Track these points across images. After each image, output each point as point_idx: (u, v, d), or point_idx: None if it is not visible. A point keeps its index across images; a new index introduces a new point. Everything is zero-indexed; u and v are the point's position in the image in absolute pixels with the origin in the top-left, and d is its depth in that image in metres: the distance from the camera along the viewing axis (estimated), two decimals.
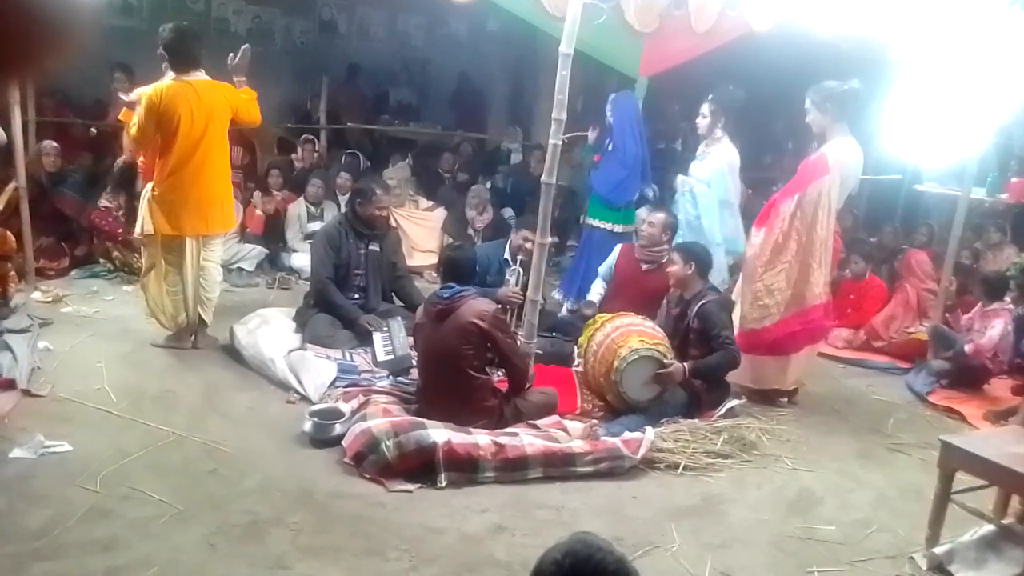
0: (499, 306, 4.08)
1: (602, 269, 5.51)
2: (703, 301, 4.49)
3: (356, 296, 5.18)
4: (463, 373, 3.87)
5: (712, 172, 5.42)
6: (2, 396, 3.87)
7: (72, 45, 0.69)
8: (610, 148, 6.00)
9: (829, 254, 4.65)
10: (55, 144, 6.62)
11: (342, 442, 3.70)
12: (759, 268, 4.67)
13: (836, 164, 4.53)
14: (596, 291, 5.44)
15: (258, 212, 6.91)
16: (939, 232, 7.02)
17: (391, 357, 4.69)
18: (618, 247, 5.53)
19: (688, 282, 4.59)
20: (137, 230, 4.77)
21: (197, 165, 4.58)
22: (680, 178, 5.63)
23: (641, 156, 6.00)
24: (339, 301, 5.00)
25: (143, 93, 4.50)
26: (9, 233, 5.20)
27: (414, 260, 6.93)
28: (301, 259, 6.61)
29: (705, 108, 5.41)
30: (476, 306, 3.88)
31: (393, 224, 6.61)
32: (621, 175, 5.94)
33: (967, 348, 5.31)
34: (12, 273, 5.19)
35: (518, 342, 4.46)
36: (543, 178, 4.29)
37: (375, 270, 5.21)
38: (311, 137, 8.34)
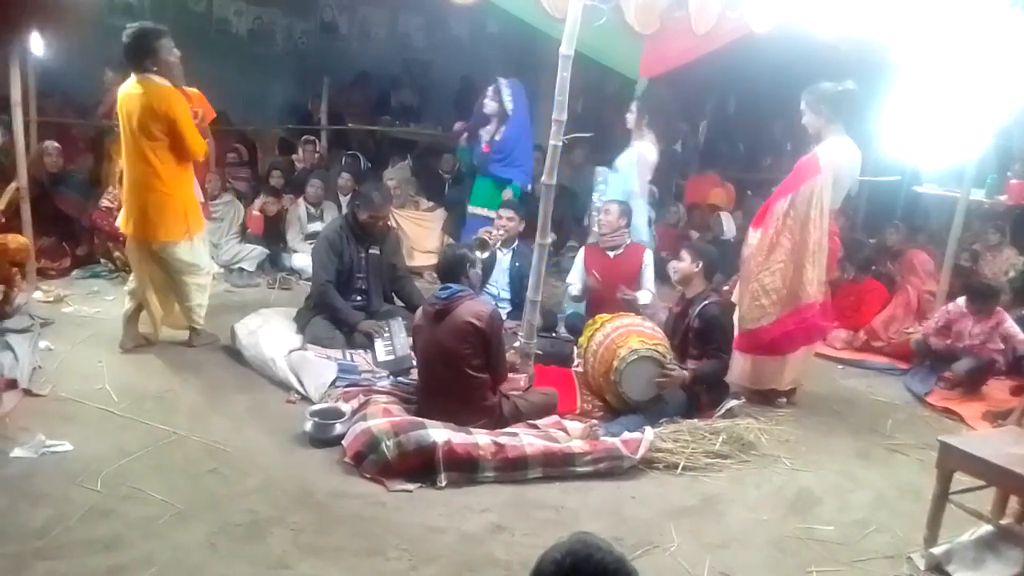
0: (495, 307, 4.09)
1: (571, 278, 5.57)
2: (706, 302, 4.51)
3: (358, 298, 5.19)
4: (462, 373, 3.88)
5: (625, 162, 5.72)
6: (3, 396, 3.88)
7: (64, 16, 0.71)
8: (500, 136, 5.96)
9: (823, 253, 4.64)
10: (57, 144, 6.63)
11: (342, 442, 3.71)
12: (755, 268, 4.70)
13: (828, 164, 4.57)
14: (575, 287, 5.52)
15: (255, 213, 6.91)
16: (939, 233, 7.04)
17: (391, 357, 4.70)
18: (581, 250, 5.63)
19: (692, 280, 4.62)
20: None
21: (125, 168, 4.66)
22: (598, 168, 5.99)
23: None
24: (339, 305, 4.99)
25: None
26: (23, 238, 5.23)
27: (414, 261, 6.95)
28: (302, 259, 6.61)
29: (633, 105, 5.79)
30: (473, 307, 3.89)
31: (392, 225, 6.62)
32: (528, 160, 6.11)
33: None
34: (19, 277, 5.21)
35: (516, 343, 4.48)
36: (543, 179, 4.30)
37: (376, 273, 5.22)
38: (312, 138, 8.35)
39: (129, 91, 4.46)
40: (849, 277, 6.52)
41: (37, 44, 5.47)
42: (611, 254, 5.39)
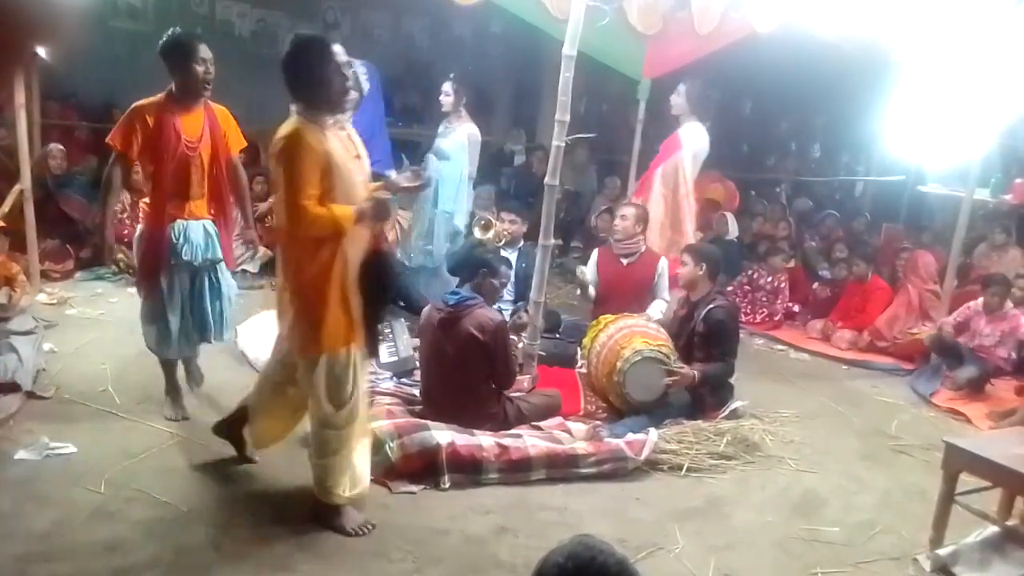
0: (503, 319, 4.06)
1: (589, 275, 5.54)
2: (711, 306, 4.49)
3: None
4: (466, 382, 3.87)
5: (455, 146, 5.67)
6: (7, 398, 3.88)
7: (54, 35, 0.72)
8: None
9: (692, 211, 5.59)
10: (61, 147, 6.66)
11: None
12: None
13: (687, 142, 5.51)
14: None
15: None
16: (943, 233, 7.02)
17: (394, 359, 4.69)
18: (595, 252, 5.58)
19: (697, 283, 4.60)
20: None
21: None
22: (430, 157, 5.78)
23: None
24: None
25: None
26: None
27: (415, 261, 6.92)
28: None
29: (447, 87, 5.74)
30: (478, 317, 3.87)
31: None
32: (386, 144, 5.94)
33: None
34: (21, 277, 5.22)
35: (519, 346, 4.47)
36: (546, 179, 4.30)
37: None
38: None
39: None
40: (857, 276, 6.49)
41: (42, 49, 5.47)
42: (624, 261, 5.27)
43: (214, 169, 3.82)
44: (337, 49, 3.01)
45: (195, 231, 3.77)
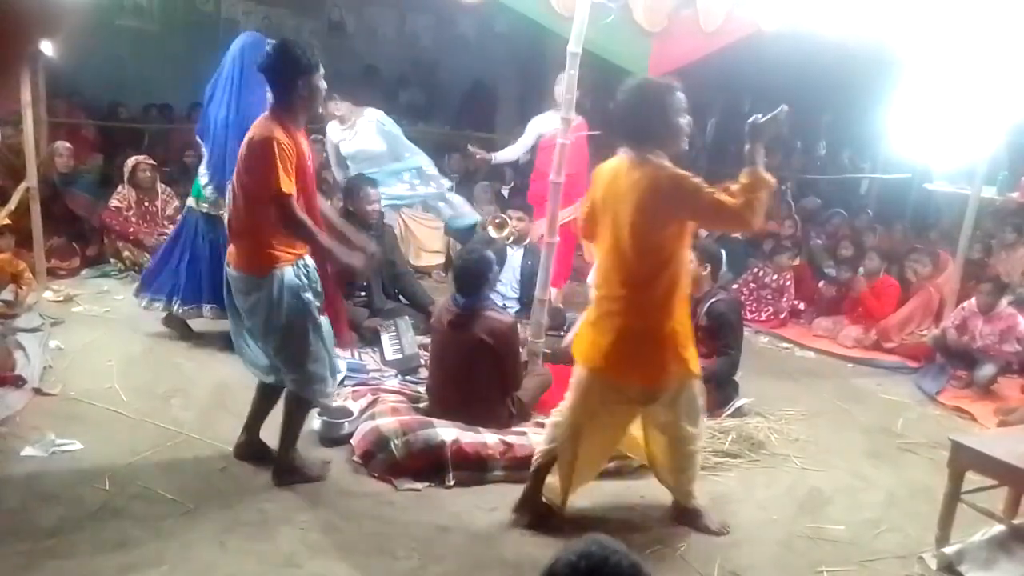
0: (514, 321, 4.06)
1: (592, 277, 5.55)
2: (713, 299, 4.52)
3: (361, 294, 5.20)
4: (474, 383, 3.86)
5: (378, 136, 5.99)
6: (14, 395, 3.90)
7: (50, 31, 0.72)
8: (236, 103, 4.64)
9: None
10: (67, 145, 6.68)
11: (351, 441, 3.72)
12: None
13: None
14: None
15: None
16: (950, 231, 6.99)
17: (399, 356, 4.70)
18: None
19: (701, 282, 4.61)
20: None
21: None
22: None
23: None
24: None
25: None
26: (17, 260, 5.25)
27: (421, 260, 6.96)
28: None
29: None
30: (489, 322, 3.87)
31: (400, 223, 6.63)
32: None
33: None
34: (27, 275, 5.24)
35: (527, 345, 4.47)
36: (551, 177, 4.29)
37: (375, 271, 5.22)
38: (320, 137, 8.34)
39: None
40: (869, 272, 6.44)
41: (47, 46, 5.48)
42: None
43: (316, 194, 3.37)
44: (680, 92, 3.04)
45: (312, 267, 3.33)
